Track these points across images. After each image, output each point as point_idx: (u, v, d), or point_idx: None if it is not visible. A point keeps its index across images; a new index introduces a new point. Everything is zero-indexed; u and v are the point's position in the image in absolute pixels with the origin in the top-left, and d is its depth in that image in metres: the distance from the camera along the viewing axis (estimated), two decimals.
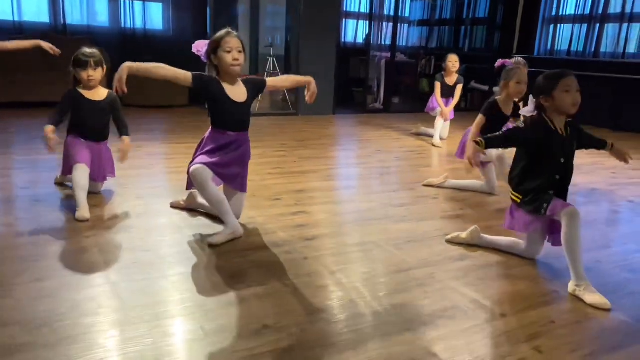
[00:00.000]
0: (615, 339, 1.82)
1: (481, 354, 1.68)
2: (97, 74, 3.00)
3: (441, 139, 5.42)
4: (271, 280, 2.13)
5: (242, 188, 2.66)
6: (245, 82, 2.64)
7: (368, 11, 9.22)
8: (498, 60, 3.88)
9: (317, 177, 3.81)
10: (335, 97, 7.25)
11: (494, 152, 3.35)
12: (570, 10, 7.84)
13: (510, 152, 2.60)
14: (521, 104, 3.61)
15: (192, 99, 7.35)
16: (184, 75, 2.49)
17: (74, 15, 7.13)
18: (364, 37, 9.31)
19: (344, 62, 8.14)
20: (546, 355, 1.69)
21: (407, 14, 9.97)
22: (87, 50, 3.01)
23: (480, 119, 3.38)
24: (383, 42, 9.33)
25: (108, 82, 2.88)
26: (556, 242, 2.41)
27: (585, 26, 7.58)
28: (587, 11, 7.53)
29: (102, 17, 7.38)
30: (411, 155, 4.80)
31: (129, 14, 7.40)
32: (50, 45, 3.55)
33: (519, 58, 3.72)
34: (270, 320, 1.81)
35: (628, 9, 7.05)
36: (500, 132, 2.48)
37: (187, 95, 7.29)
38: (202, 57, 2.60)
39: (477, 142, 2.38)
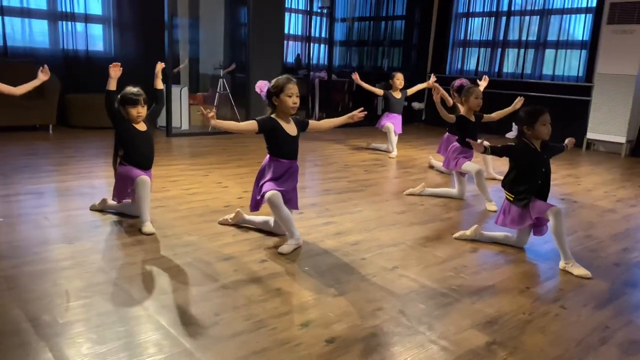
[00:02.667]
0: (605, 296, 2.64)
1: (531, 313, 2.40)
2: (144, 110, 3.34)
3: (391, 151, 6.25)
4: (351, 277, 2.70)
5: (296, 207, 3.19)
6: (293, 119, 3.16)
7: (298, 32, 9.91)
8: (457, 81, 4.77)
9: (316, 192, 4.39)
10: None
11: (473, 167, 4.17)
12: (475, 36, 9.09)
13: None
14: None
15: None
16: (251, 126, 2.97)
17: (15, 37, 7.02)
18: (294, 57, 9.98)
19: None
20: (570, 310, 2.46)
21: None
22: (134, 89, 3.33)
23: (452, 118, 4.27)
24: (312, 62, 10.04)
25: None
26: (537, 233, 3.23)
27: (489, 50, 8.86)
28: (490, 37, 8.82)
29: (43, 39, 7.31)
30: (376, 168, 5.53)
31: (71, 36, 7.39)
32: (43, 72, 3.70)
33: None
34: (377, 305, 2.40)
35: (524, 37, 8.41)
36: (499, 146, 3.19)
37: None
38: (263, 96, 3.08)
39: (485, 148, 3.12)
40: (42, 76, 3.68)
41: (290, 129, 3.10)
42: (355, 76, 6.27)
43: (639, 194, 5.00)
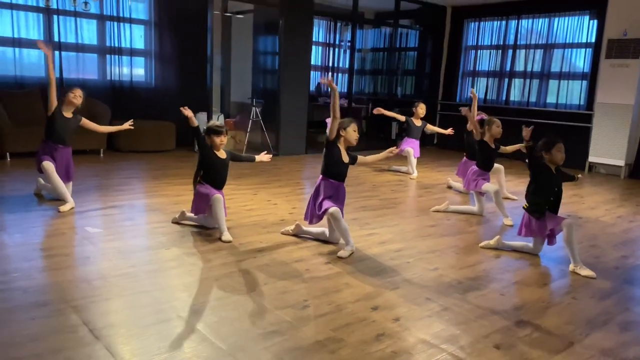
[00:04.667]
0: (607, 290, 3.27)
1: (549, 302, 3.03)
2: (226, 139, 4.02)
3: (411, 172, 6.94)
4: (401, 276, 3.33)
5: None
6: (347, 152, 3.85)
7: (318, 63, 10.67)
8: (479, 114, 5.49)
9: (354, 208, 5.03)
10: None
11: (491, 188, 4.82)
12: (484, 66, 9.83)
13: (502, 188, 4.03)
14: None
15: (179, 143, 8.21)
16: (336, 124, 3.70)
17: (70, 70, 7.75)
18: (315, 85, 10.72)
19: None
20: (580, 300, 3.09)
21: (346, 65, 11.53)
22: (217, 122, 4.05)
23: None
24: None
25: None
26: (550, 243, 3.86)
27: (497, 79, 9.59)
28: (498, 68, 9.56)
29: (93, 71, 8.04)
30: (401, 188, 6.19)
31: (117, 68, 8.10)
32: (129, 123, 4.74)
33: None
34: (427, 295, 3.03)
35: (529, 68, 9.14)
36: (536, 156, 3.81)
37: (174, 140, 8.14)
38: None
39: (527, 146, 3.78)
40: (127, 125, 4.66)
41: (346, 157, 3.78)
42: (378, 110, 6.92)
43: (637, 211, 5.64)
